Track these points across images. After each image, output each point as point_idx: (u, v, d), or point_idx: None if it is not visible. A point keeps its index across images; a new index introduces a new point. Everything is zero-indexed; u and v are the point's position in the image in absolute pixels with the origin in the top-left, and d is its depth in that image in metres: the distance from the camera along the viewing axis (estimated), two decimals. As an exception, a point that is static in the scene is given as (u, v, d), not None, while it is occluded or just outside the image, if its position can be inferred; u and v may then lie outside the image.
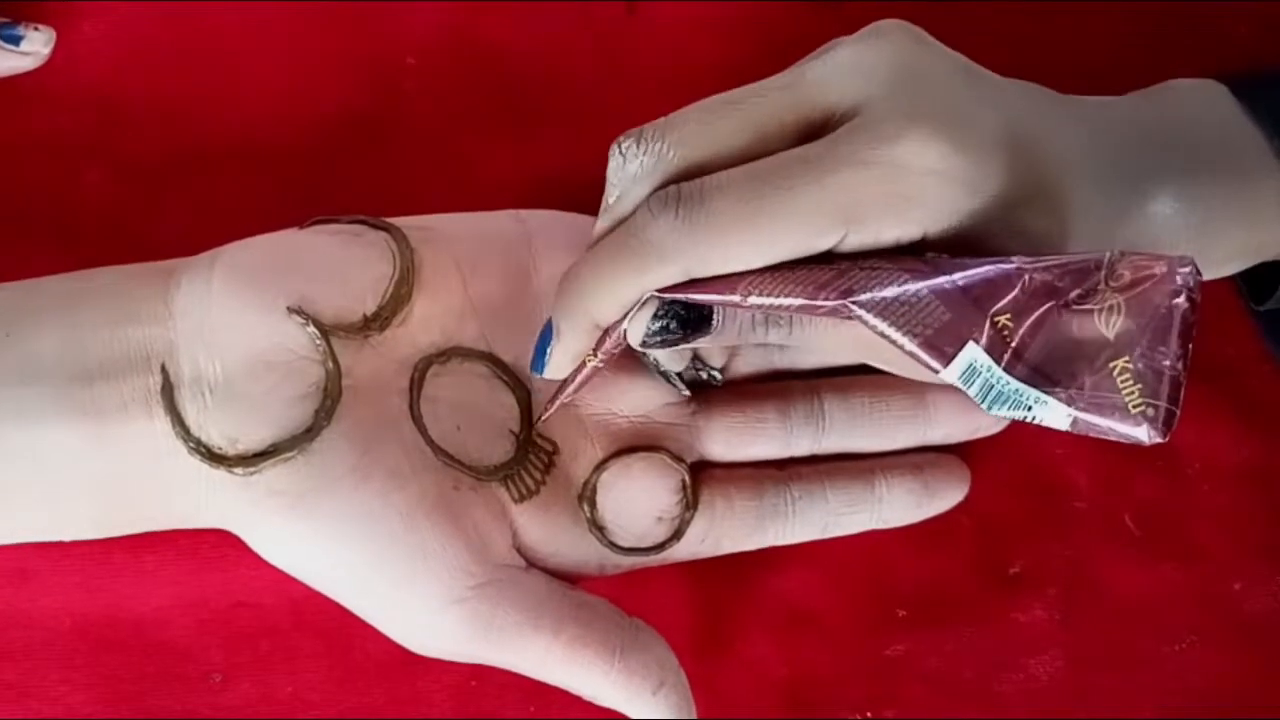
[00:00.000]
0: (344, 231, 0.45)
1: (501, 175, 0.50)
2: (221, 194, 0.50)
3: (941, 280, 0.37)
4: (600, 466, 0.45)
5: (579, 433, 0.45)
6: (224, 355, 0.42)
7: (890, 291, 0.37)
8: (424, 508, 0.42)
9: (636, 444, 0.45)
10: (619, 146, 0.40)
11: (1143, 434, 0.36)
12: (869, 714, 0.47)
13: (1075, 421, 0.37)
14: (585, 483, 0.45)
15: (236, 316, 0.42)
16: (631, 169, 0.40)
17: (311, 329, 0.42)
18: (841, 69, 0.40)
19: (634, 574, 0.46)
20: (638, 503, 0.45)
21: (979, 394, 0.37)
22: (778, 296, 0.38)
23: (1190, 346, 0.36)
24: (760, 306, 0.38)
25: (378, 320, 0.43)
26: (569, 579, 0.45)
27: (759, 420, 0.46)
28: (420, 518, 0.42)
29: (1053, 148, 0.41)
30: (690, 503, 0.45)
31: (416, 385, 0.44)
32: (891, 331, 0.37)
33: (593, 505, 0.45)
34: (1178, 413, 0.36)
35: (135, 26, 0.51)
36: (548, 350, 0.43)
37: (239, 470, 0.41)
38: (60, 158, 0.50)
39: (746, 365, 0.47)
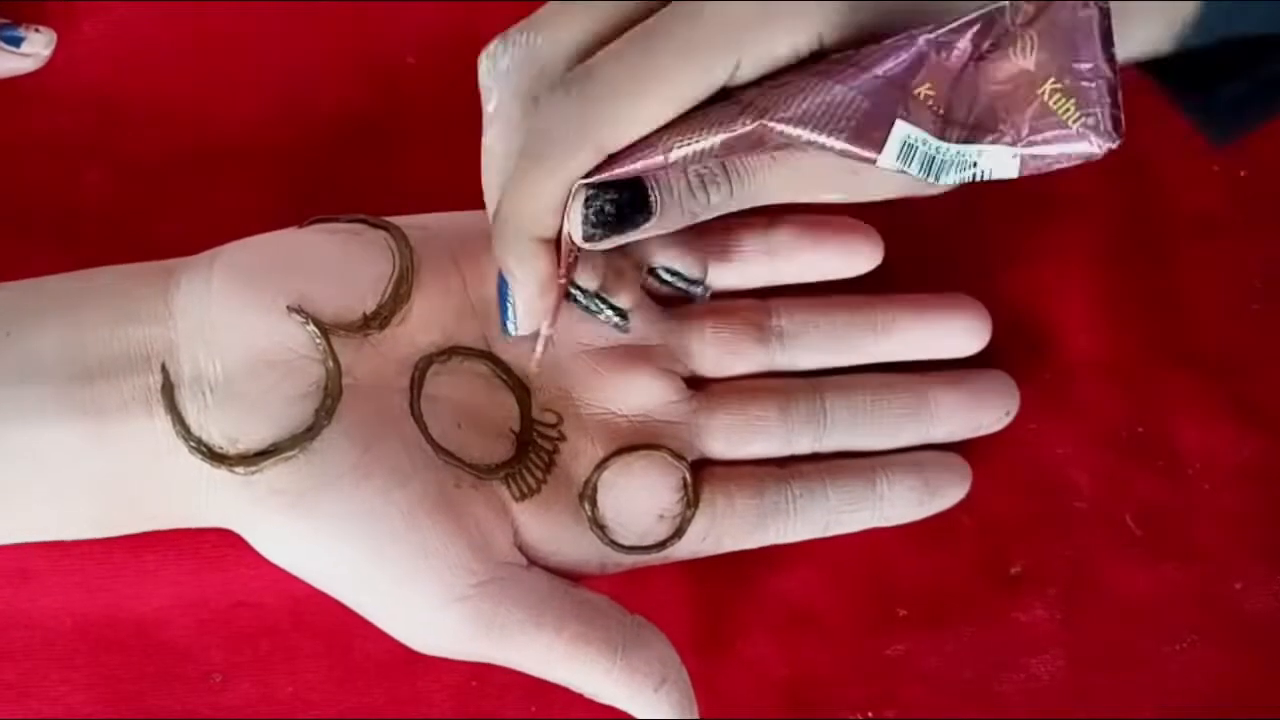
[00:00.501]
0: (343, 230, 0.45)
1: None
2: (221, 193, 0.50)
3: (852, 72, 0.36)
4: (601, 465, 0.45)
5: (579, 432, 0.45)
6: (224, 354, 0.42)
7: (804, 99, 0.37)
8: (425, 506, 0.42)
9: (637, 442, 0.45)
10: (487, 53, 0.40)
11: (1093, 146, 0.36)
12: (869, 714, 0.47)
13: (1024, 161, 0.36)
14: (586, 481, 0.45)
15: (236, 316, 0.42)
16: (503, 65, 0.40)
17: (311, 328, 0.42)
18: None
19: (634, 573, 0.46)
20: (639, 501, 0.45)
21: (920, 169, 0.37)
22: (697, 141, 0.38)
23: (1113, 48, 0.36)
24: (685, 158, 0.38)
25: (377, 319, 0.43)
26: (570, 578, 0.45)
27: (760, 418, 0.46)
28: (422, 515, 0.42)
29: None
30: (691, 501, 0.45)
31: (417, 384, 0.44)
32: (816, 136, 0.37)
33: (593, 504, 0.44)
34: (1121, 114, 0.36)
35: (135, 27, 0.51)
36: (510, 302, 0.42)
37: (240, 469, 0.41)
38: (60, 157, 0.50)
39: (747, 364, 0.47)
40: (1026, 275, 0.50)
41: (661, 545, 0.45)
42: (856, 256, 0.47)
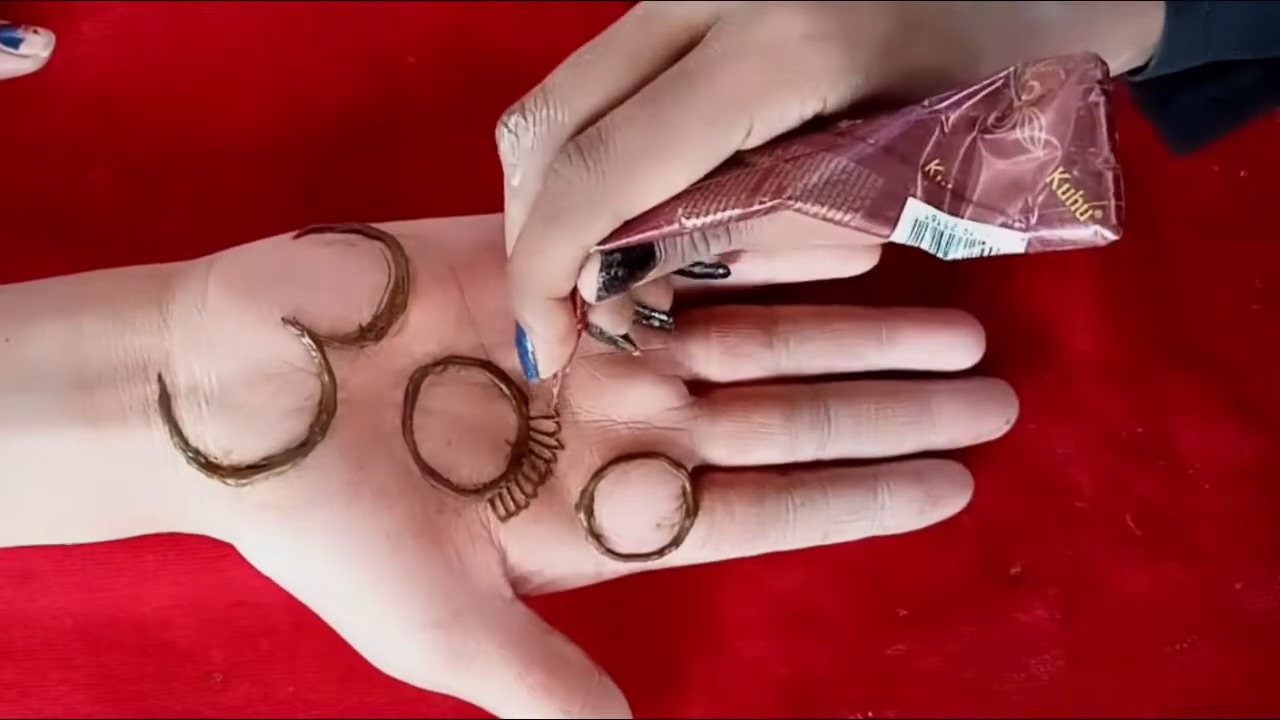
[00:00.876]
0: (339, 241, 0.44)
1: (501, 175, 0.50)
2: (222, 193, 0.50)
3: (862, 147, 0.37)
4: (598, 474, 0.45)
5: (577, 440, 0.45)
6: (220, 366, 0.42)
7: (819, 175, 0.37)
8: (410, 530, 0.42)
9: (635, 450, 0.45)
10: (505, 125, 0.40)
11: (1098, 237, 0.36)
12: (870, 713, 0.47)
13: (1030, 243, 0.37)
14: (583, 491, 0.44)
15: (232, 327, 0.42)
16: (526, 142, 0.40)
17: (307, 340, 0.42)
18: None
19: (633, 575, 0.46)
20: (636, 510, 0.45)
21: (932, 244, 0.38)
22: (714, 213, 0.38)
23: (1117, 135, 0.36)
24: (700, 227, 0.39)
25: (373, 330, 0.43)
26: (565, 588, 0.45)
27: (764, 425, 0.46)
28: (407, 539, 0.42)
29: None
30: (690, 509, 0.45)
31: (410, 398, 0.44)
32: (832, 213, 0.37)
33: (590, 513, 0.44)
34: (1124, 204, 0.36)
35: (135, 27, 0.51)
36: (529, 350, 0.43)
37: (231, 481, 0.41)
38: (61, 158, 0.50)
39: (752, 368, 0.47)
40: (1027, 275, 0.50)
41: (659, 553, 0.45)
42: (854, 256, 0.47)
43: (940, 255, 0.38)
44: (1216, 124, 0.47)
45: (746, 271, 0.47)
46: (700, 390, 0.47)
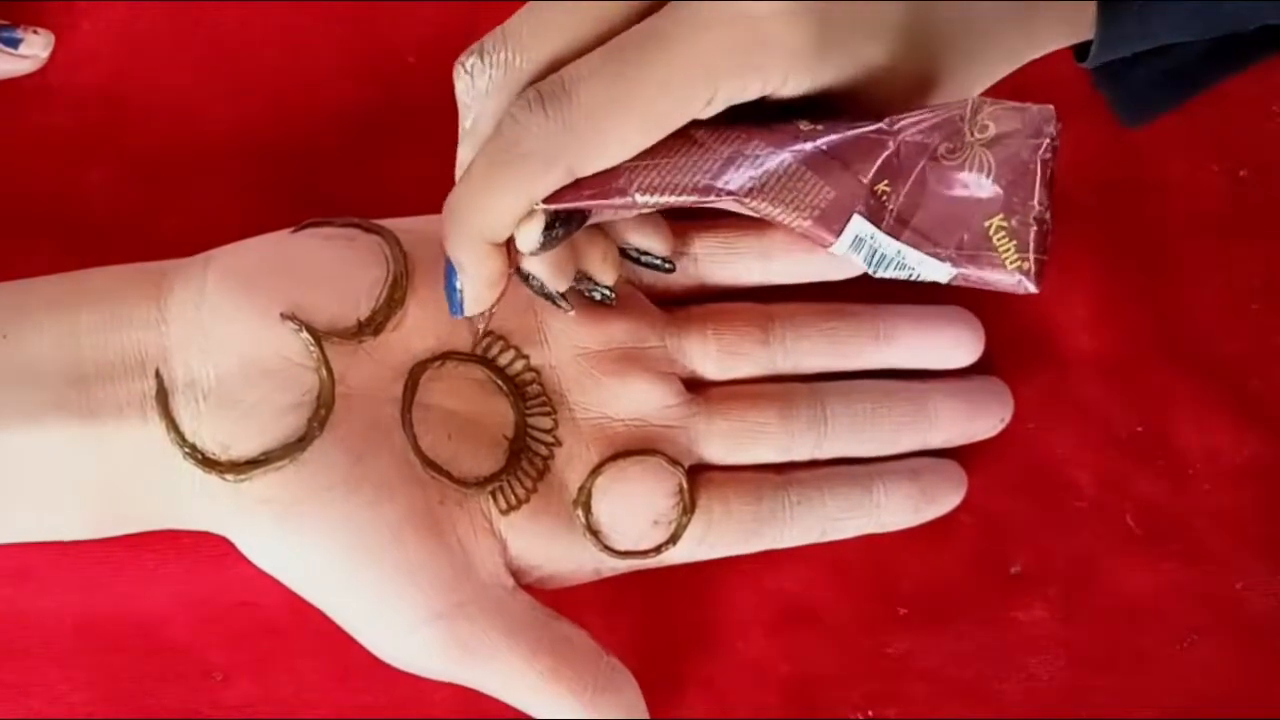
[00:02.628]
0: (337, 235, 0.44)
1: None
2: (222, 192, 0.50)
3: (820, 156, 0.38)
4: (596, 471, 0.45)
5: (574, 437, 0.45)
6: (218, 361, 0.42)
7: (777, 178, 0.38)
8: (412, 522, 0.42)
9: (632, 448, 0.45)
10: (463, 66, 0.39)
11: (1020, 287, 0.38)
12: (870, 713, 0.47)
13: (955, 277, 0.38)
14: (581, 488, 0.45)
15: (230, 322, 0.42)
16: (481, 84, 0.39)
17: (305, 335, 0.42)
18: None
19: (632, 573, 0.46)
20: (634, 507, 0.45)
21: (865, 260, 0.39)
22: (668, 195, 0.39)
23: (1053, 193, 0.38)
24: (651, 205, 0.39)
25: (371, 325, 0.43)
26: (565, 585, 0.45)
27: (761, 424, 0.46)
28: (408, 532, 0.42)
29: None
30: (687, 507, 0.45)
31: (409, 393, 0.44)
32: (784, 215, 0.39)
33: (588, 510, 0.44)
34: (1047, 260, 0.38)
35: (135, 26, 0.51)
36: (456, 288, 0.41)
37: (230, 477, 0.41)
38: (61, 156, 0.50)
39: (749, 366, 0.47)
40: (1026, 275, 0.50)
41: (656, 550, 0.45)
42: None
43: (870, 272, 0.39)
44: (1168, 97, 0.47)
45: (741, 272, 0.47)
46: (697, 388, 0.47)
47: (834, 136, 0.38)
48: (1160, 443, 0.49)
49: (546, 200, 0.39)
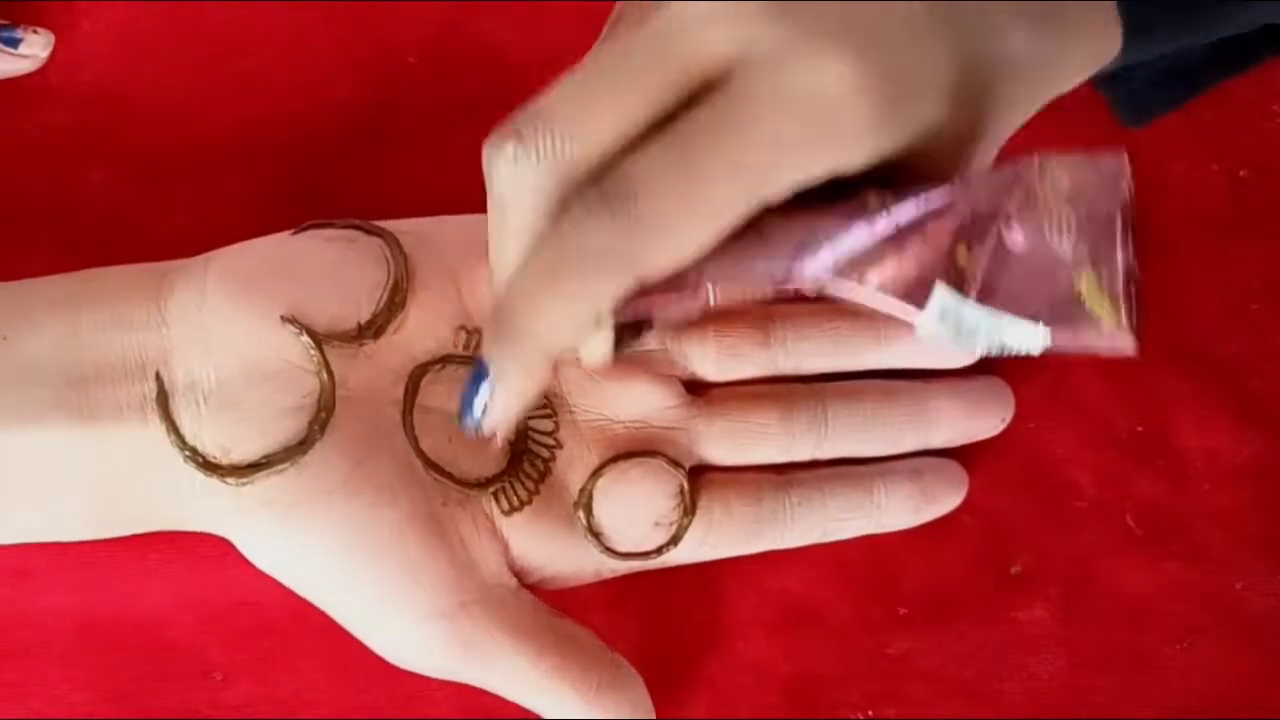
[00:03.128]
0: (338, 238, 0.44)
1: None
2: (222, 192, 0.50)
3: (894, 229, 0.37)
4: (596, 473, 0.45)
5: (575, 439, 0.45)
6: (218, 364, 0.42)
7: (852, 260, 0.37)
8: (414, 523, 0.42)
9: (633, 449, 0.45)
10: (501, 153, 0.36)
11: (1117, 346, 0.36)
12: (870, 713, 0.47)
13: (1048, 346, 0.37)
14: (581, 490, 0.45)
15: (231, 325, 0.42)
16: (528, 177, 0.36)
17: (305, 338, 0.42)
18: (711, 13, 0.36)
19: (633, 574, 0.46)
20: (635, 508, 0.45)
21: (953, 334, 0.37)
22: (742, 287, 0.37)
23: (1133, 229, 0.36)
24: (725, 300, 0.37)
25: (372, 328, 0.43)
26: (565, 586, 0.45)
27: (762, 425, 0.46)
28: (410, 533, 0.42)
29: (917, 23, 0.38)
30: (688, 508, 0.45)
31: (410, 395, 0.44)
32: (866, 299, 0.37)
33: (589, 512, 0.44)
34: (1139, 314, 0.36)
35: (135, 26, 0.51)
36: (481, 397, 0.39)
37: (231, 480, 0.41)
38: (61, 156, 0.50)
39: (749, 368, 0.47)
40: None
41: (658, 552, 0.45)
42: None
43: (962, 348, 0.37)
44: (1169, 97, 0.47)
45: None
46: (698, 390, 0.47)
47: (904, 208, 0.37)
48: (1160, 442, 0.49)
49: (615, 309, 0.36)
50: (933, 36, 0.37)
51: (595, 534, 0.44)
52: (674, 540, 0.45)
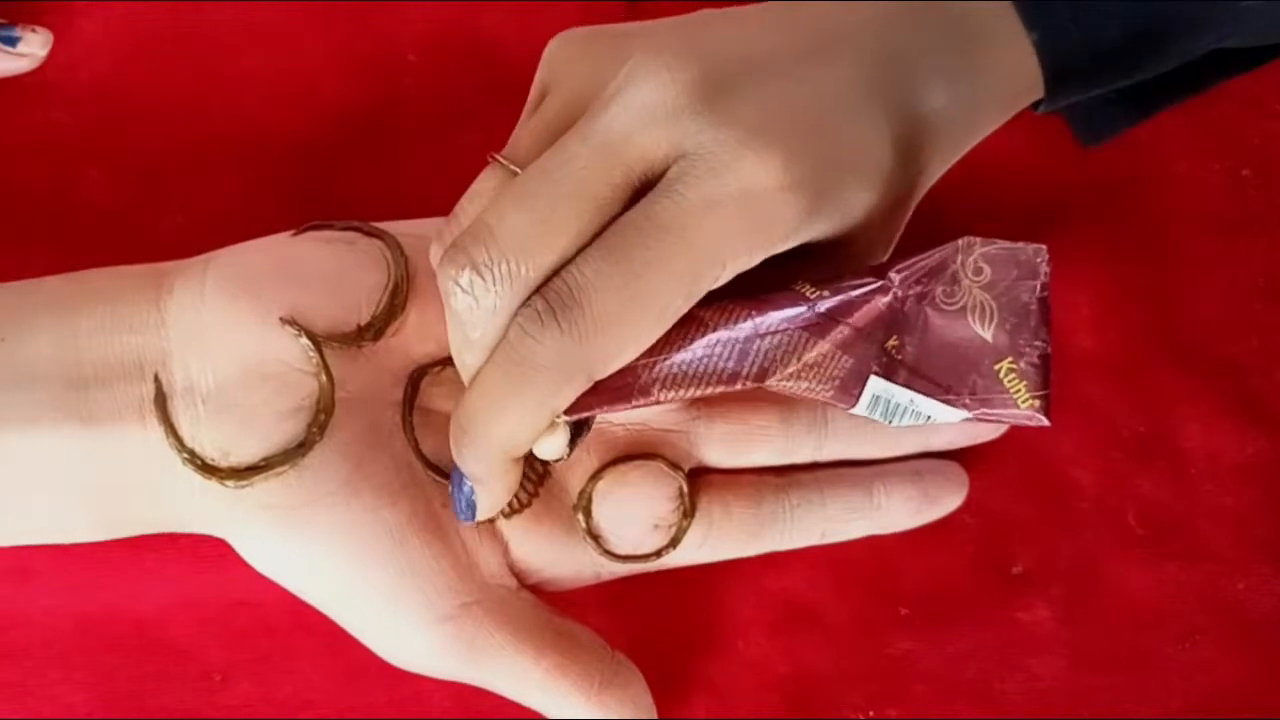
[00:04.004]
0: (338, 239, 0.44)
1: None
2: (222, 191, 0.49)
3: (830, 321, 0.39)
4: (596, 475, 0.45)
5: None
6: (217, 366, 0.42)
7: (796, 356, 0.39)
8: (414, 525, 0.42)
9: (633, 452, 0.45)
10: (458, 284, 0.38)
11: (1034, 420, 0.40)
12: (871, 713, 0.47)
13: (968, 419, 0.40)
14: (581, 492, 0.45)
15: (230, 327, 0.42)
16: (487, 303, 0.38)
17: (305, 340, 0.42)
18: (645, 115, 0.37)
19: (633, 575, 0.46)
20: (634, 511, 0.45)
21: (883, 415, 0.40)
22: (692, 389, 0.39)
23: (1050, 328, 0.40)
24: (675, 399, 0.39)
25: (372, 330, 0.43)
26: (565, 588, 0.45)
27: (762, 428, 0.46)
28: (411, 535, 0.42)
29: (843, 105, 0.39)
30: (687, 511, 0.45)
31: (409, 397, 0.43)
32: (807, 390, 0.40)
33: (588, 514, 0.44)
34: (1050, 393, 0.40)
35: (134, 24, 0.51)
36: (467, 496, 0.41)
37: (230, 483, 0.41)
38: (59, 156, 0.50)
39: None
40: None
41: (657, 554, 0.45)
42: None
43: (888, 423, 0.40)
44: (1124, 118, 0.48)
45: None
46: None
47: (838, 299, 0.39)
48: (1162, 442, 0.49)
49: (569, 410, 0.39)
50: (867, 109, 0.39)
51: (594, 536, 0.44)
52: (673, 543, 0.45)
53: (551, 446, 0.40)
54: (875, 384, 0.39)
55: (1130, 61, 0.42)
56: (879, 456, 0.47)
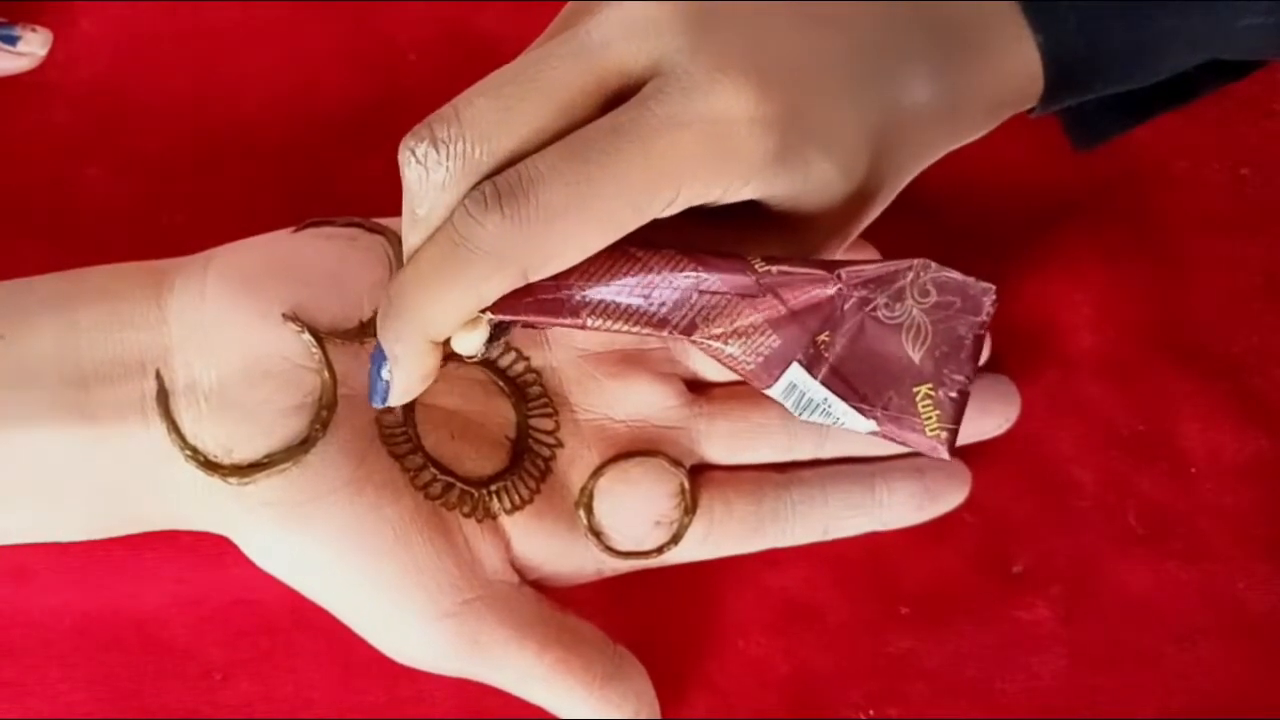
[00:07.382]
0: (339, 235, 0.44)
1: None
2: (222, 190, 0.50)
3: (770, 298, 0.39)
4: (597, 472, 0.45)
5: (576, 438, 0.45)
6: (219, 363, 0.41)
7: (730, 320, 0.39)
8: (417, 522, 0.42)
9: (634, 449, 0.45)
10: (413, 154, 0.37)
11: (935, 451, 0.39)
12: (871, 712, 0.47)
13: (874, 432, 0.39)
14: (582, 489, 0.45)
15: (231, 323, 0.42)
16: (437, 178, 0.37)
17: (307, 337, 0.42)
18: (628, 27, 0.37)
19: (632, 573, 0.46)
20: (635, 507, 0.45)
21: (794, 405, 0.40)
22: (621, 324, 0.39)
23: (976, 369, 0.39)
24: (601, 328, 0.39)
25: (373, 326, 0.43)
26: (566, 585, 0.45)
27: (762, 424, 0.46)
28: (413, 532, 0.42)
29: (818, 68, 0.39)
30: (689, 507, 0.45)
31: None
32: (729, 360, 0.39)
33: (590, 511, 0.44)
34: (958, 430, 0.39)
35: (134, 23, 0.51)
36: (383, 377, 0.40)
37: (233, 480, 0.41)
38: (60, 154, 0.50)
39: None
40: (1029, 275, 0.50)
41: (658, 551, 0.45)
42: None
43: (796, 415, 0.40)
44: (1117, 122, 0.48)
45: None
46: (699, 389, 0.47)
47: (783, 278, 0.39)
48: (1162, 442, 0.49)
49: (495, 308, 0.38)
50: (849, 88, 0.38)
51: (596, 533, 0.44)
52: (675, 539, 0.45)
53: (470, 341, 0.39)
54: (795, 372, 0.39)
55: (1128, 70, 0.42)
56: (881, 454, 0.47)
